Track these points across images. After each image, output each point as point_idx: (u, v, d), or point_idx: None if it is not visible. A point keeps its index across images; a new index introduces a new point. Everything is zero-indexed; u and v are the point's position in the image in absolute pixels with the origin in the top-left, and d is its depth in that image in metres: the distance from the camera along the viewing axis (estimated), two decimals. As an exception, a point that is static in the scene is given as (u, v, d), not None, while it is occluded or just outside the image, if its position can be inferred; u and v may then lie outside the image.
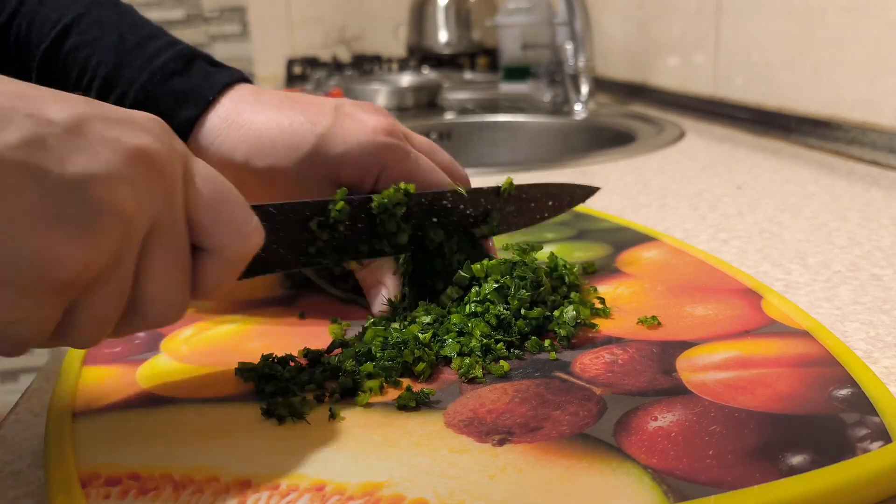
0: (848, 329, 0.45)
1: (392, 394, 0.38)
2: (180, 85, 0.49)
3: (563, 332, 0.43)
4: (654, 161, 0.95)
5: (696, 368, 0.39)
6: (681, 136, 1.08)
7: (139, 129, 0.30)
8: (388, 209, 0.45)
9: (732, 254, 0.59)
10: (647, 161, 0.95)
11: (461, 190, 0.48)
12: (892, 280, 0.53)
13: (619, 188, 0.83)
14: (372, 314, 0.47)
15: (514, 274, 0.45)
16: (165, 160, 0.31)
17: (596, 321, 0.45)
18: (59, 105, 0.29)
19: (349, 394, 0.38)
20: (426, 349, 0.40)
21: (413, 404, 0.36)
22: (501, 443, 0.33)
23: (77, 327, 0.30)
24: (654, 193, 0.79)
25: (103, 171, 0.28)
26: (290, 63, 2.16)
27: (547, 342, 0.42)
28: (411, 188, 0.46)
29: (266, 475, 0.31)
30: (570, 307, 0.44)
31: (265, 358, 0.40)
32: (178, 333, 0.46)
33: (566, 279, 0.47)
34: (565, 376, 0.39)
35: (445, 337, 0.42)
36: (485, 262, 0.46)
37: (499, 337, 0.42)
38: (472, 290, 0.45)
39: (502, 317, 0.43)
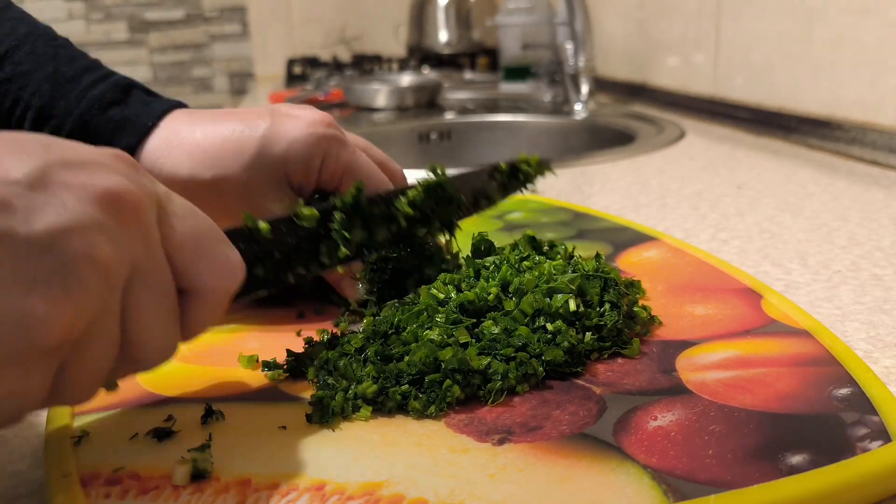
0: (848, 329, 0.45)
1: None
2: (118, 114, 0.49)
3: (627, 353, 0.41)
4: (654, 161, 0.95)
5: (695, 368, 0.39)
6: (681, 136, 1.08)
7: (105, 169, 0.29)
8: (359, 207, 0.44)
9: (732, 253, 0.59)
10: (647, 161, 0.95)
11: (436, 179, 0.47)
12: (892, 280, 0.53)
13: (619, 188, 0.83)
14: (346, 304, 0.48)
15: (605, 299, 0.42)
16: (137, 200, 0.29)
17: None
18: (15, 159, 0.27)
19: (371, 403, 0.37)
20: (475, 375, 0.37)
21: (422, 408, 0.36)
22: (501, 442, 0.33)
23: (71, 386, 0.29)
24: (654, 193, 0.79)
25: (73, 222, 0.27)
26: (290, 63, 2.17)
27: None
28: (361, 185, 0.45)
29: (266, 475, 0.31)
30: (636, 340, 0.42)
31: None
32: (178, 333, 0.46)
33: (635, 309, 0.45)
34: (565, 376, 0.39)
35: (502, 352, 0.38)
36: (549, 264, 0.44)
37: (561, 363, 0.39)
38: (546, 300, 0.41)
39: (577, 346, 0.39)
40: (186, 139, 0.48)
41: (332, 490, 0.30)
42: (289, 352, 0.41)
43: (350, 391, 0.37)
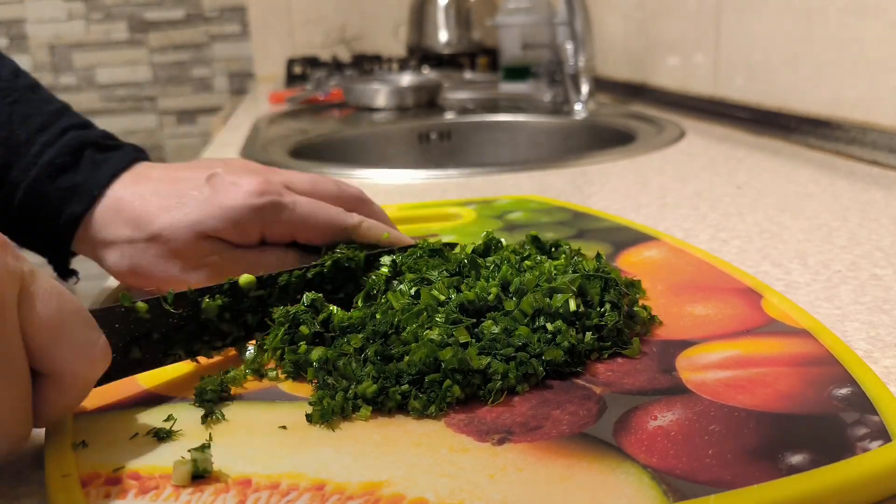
0: (848, 329, 0.45)
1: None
2: (66, 182, 0.50)
3: (627, 353, 0.41)
4: (654, 161, 0.95)
5: (695, 367, 0.39)
6: (681, 136, 1.08)
7: None
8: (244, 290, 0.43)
9: (732, 253, 0.59)
10: (647, 161, 0.95)
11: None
12: (892, 280, 0.53)
13: (619, 188, 0.83)
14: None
15: (605, 299, 0.42)
16: None
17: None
18: None
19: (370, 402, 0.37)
20: (475, 375, 0.37)
21: (421, 408, 0.36)
22: (501, 442, 0.33)
23: None
24: (654, 193, 0.79)
25: None
26: (290, 63, 2.17)
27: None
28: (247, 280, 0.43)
29: (266, 475, 0.31)
30: (636, 339, 0.41)
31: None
32: (178, 333, 0.46)
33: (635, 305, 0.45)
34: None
35: (502, 351, 0.38)
36: (549, 263, 0.44)
37: (561, 363, 0.39)
38: (546, 300, 0.41)
39: (577, 346, 0.39)
40: (126, 208, 0.50)
41: (332, 490, 0.30)
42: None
43: (350, 391, 0.37)
